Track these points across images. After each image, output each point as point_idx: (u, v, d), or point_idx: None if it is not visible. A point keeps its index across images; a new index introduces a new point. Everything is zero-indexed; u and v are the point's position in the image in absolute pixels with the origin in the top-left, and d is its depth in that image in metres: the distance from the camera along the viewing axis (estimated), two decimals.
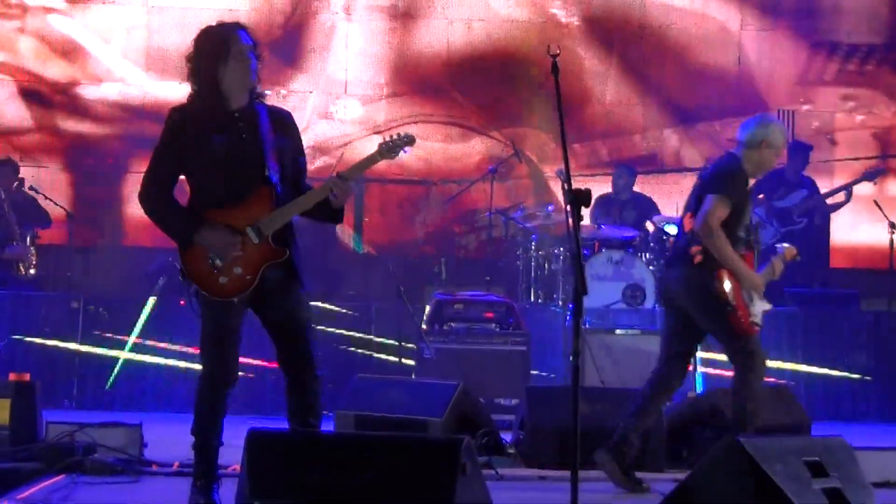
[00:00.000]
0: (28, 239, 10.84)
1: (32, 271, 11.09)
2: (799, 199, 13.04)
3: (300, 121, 7.48)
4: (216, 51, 6.06)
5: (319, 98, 14.43)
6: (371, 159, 6.28)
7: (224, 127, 6.08)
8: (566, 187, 5.36)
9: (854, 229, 13.92)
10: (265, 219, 6.04)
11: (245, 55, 6.07)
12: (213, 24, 6.22)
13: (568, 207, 5.27)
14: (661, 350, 7.50)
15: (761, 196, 12.93)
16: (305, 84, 14.35)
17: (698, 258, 7.14)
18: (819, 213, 13.09)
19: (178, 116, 6.16)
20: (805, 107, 14.87)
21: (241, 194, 6.05)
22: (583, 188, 5.25)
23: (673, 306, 7.37)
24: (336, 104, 14.51)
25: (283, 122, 6.22)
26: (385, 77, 14.65)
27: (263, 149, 6.08)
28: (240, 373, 6.19)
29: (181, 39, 14.42)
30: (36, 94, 14.50)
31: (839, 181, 13.67)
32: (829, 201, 13.19)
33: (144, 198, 6.06)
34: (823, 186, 13.40)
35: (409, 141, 6.21)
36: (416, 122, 14.45)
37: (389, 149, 6.21)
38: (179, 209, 6.06)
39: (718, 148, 13.52)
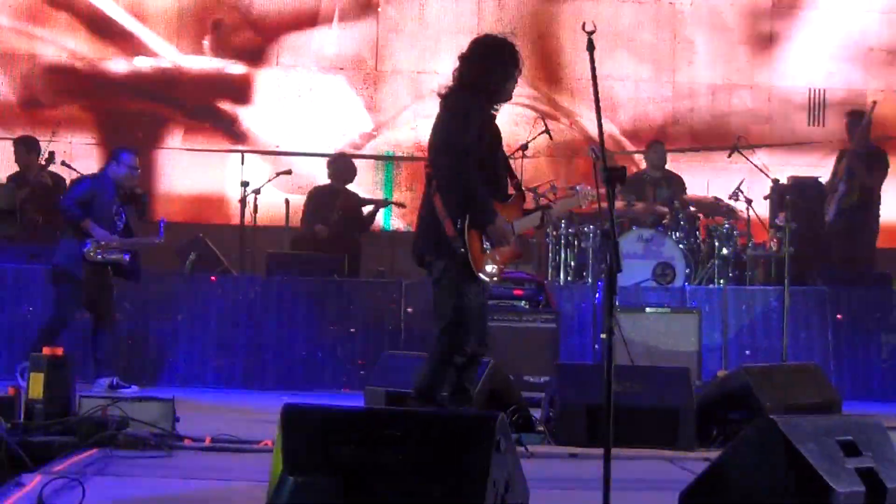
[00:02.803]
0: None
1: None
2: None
3: None
4: (513, 67, 6.82)
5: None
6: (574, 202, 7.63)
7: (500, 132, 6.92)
8: (601, 165, 5.35)
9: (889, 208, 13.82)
10: (518, 221, 6.96)
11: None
12: (508, 40, 6.93)
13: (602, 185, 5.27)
14: None
15: None
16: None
17: None
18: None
19: (483, 109, 6.77)
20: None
21: (506, 195, 6.92)
22: (618, 165, 5.25)
23: None
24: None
25: None
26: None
27: None
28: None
29: (215, 15, 14.49)
30: (68, 68, 14.56)
31: None
32: None
33: (464, 174, 6.58)
34: None
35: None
36: None
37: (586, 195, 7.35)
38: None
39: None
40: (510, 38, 7.05)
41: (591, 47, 5.27)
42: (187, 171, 14.65)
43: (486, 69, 6.74)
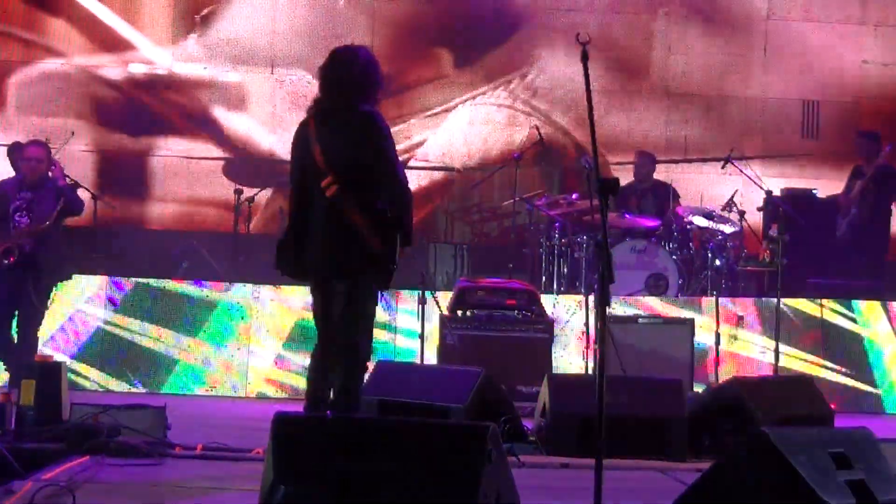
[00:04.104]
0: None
1: None
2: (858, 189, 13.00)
3: None
4: (380, 82, 7.04)
5: None
6: None
7: None
8: (594, 175, 5.35)
9: None
10: None
11: None
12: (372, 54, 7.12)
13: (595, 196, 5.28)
14: None
15: None
16: None
17: None
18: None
19: None
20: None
21: None
22: (610, 177, 5.25)
23: None
24: None
25: None
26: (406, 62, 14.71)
27: None
28: None
29: (210, 21, 14.50)
30: (62, 75, 14.55)
31: None
32: None
33: (408, 194, 6.98)
34: None
35: None
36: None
37: None
38: None
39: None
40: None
41: (585, 58, 5.25)
42: (181, 178, 14.64)
43: (376, 80, 6.98)
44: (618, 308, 11.03)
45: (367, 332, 7.07)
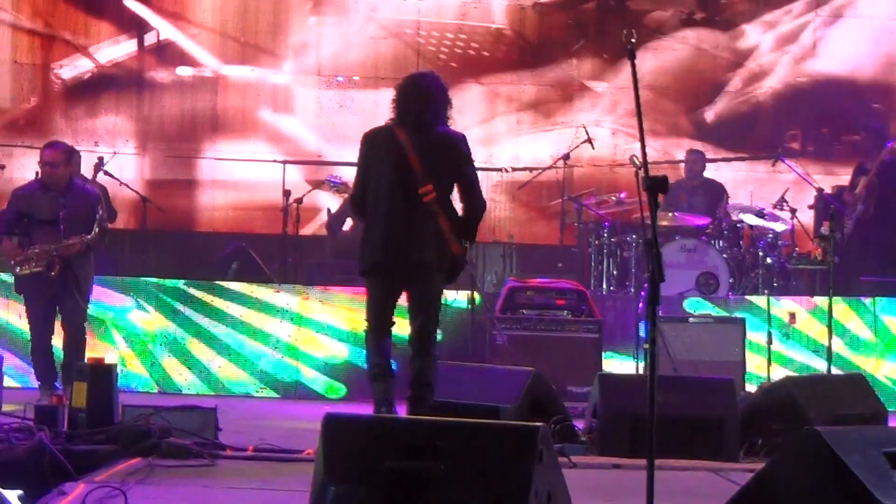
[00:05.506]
0: None
1: None
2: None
3: None
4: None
5: None
6: None
7: None
8: (643, 173, 5.31)
9: None
10: None
11: None
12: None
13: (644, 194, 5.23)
14: None
15: None
16: None
17: None
18: None
19: None
20: None
21: None
22: (659, 174, 5.19)
23: None
24: None
25: None
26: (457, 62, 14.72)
27: None
28: None
29: (258, 23, 14.58)
30: (110, 78, 14.65)
31: None
32: None
33: (485, 208, 7.75)
34: None
35: None
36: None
37: None
38: None
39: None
40: None
41: (632, 56, 5.22)
42: (230, 180, 14.69)
43: (449, 103, 7.67)
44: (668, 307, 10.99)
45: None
